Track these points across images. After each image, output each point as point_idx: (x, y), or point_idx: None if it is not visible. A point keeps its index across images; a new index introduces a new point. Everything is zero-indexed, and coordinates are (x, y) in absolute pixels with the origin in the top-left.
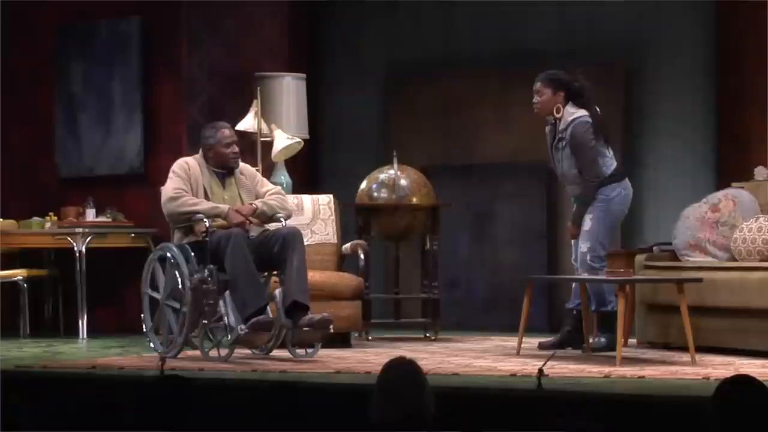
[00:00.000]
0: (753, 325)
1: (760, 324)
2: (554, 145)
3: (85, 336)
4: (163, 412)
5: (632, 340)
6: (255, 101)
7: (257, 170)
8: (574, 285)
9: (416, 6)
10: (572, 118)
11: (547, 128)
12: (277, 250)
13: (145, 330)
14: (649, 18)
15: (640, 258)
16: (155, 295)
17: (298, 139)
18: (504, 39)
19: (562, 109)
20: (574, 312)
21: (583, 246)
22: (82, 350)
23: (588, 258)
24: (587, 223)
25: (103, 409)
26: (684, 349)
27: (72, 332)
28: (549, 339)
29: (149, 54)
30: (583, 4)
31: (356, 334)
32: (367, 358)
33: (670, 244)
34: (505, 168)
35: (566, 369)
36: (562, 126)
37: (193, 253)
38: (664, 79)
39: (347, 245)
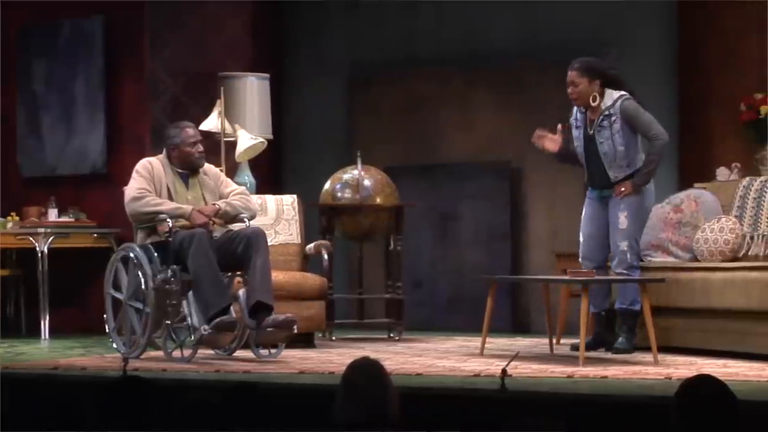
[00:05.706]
0: (715, 326)
1: (722, 324)
2: (597, 125)
3: (47, 336)
4: (125, 413)
5: None
6: (218, 101)
7: (221, 170)
8: (591, 289)
9: (379, 6)
10: (618, 95)
11: (573, 118)
12: (240, 251)
13: (107, 330)
14: (611, 19)
15: None
16: (118, 295)
17: (262, 139)
18: (467, 39)
19: (599, 98)
20: (602, 314)
21: (622, 245)
22: (45, 351)
23: (628, 257)
24: (622, 221)
25: (66, 410)
26: (647, 349)
27: (34, 332)
28: (577, 341)
29: (112, 53)
30: (546, 5)
31: (320, 335)
32: (330, 359)
33: None
34: (469, 168)
35: (529, 369)
36: (607, 103)
37: (156, 254)
38: (625, 79)
39: (311, 245)
